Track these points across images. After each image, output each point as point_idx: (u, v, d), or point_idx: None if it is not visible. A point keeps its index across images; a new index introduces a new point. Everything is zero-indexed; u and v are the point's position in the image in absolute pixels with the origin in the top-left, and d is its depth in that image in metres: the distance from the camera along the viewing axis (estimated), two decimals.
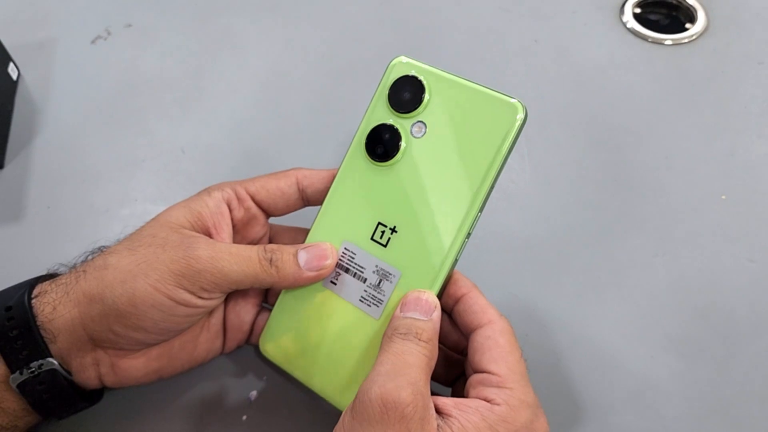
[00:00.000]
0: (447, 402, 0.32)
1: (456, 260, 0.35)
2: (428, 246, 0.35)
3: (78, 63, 0.61)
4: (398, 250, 0.36)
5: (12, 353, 0.33)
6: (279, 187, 0.39)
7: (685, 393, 0.41)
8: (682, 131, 0.54)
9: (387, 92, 0.37)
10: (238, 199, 0.38)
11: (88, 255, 0.38)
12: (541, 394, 0.34)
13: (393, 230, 0.36)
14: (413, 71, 0.36)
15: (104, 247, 0.38)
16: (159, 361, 0.37)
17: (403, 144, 0.36)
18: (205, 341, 0.39)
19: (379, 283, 0.36)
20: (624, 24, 0.62)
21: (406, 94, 0.36)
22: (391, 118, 0.37)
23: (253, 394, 0.41)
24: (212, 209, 0.37)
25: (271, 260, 0.35)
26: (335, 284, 0.37)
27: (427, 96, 0.36)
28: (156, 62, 0.61)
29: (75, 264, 0.37)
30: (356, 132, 0.38)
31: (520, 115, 0.34)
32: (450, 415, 0.31)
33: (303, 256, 0.36)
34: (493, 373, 0.32)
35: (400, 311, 0.34)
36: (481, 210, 0.35)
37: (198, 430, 0.40)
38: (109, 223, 0.51)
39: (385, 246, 0.36)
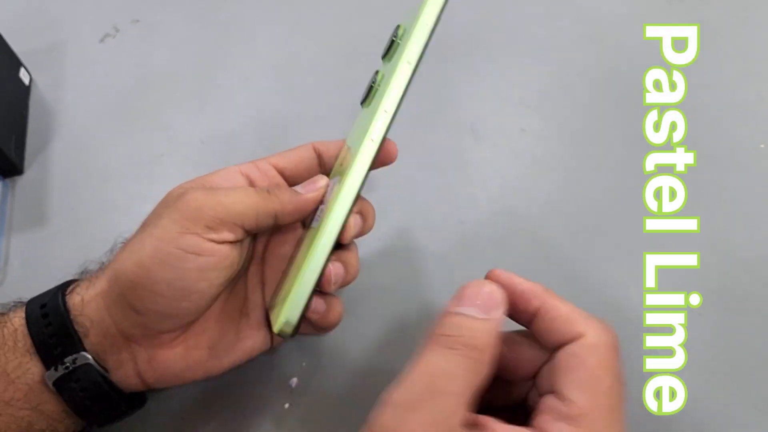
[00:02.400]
0: (497, 428, 0.26)
1: (384, 135, 0.35)
2: (363, 134, 0.35)
3: (88, 63, 0.61)
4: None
5: (47, 351, 0.33)
6: (298, 154, 0.39)
7: (735, 347, 0.40)
8: (709, 83, 0.52)
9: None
10: (259, 169, 0.38)
11: (114, 248, 0.38)
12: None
13: (349, 149, 0.36)
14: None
15: (125, 238, 0.38)
16: (198, 351, 0.36)
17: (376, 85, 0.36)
18: (247, 330, 0.38)
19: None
20: None
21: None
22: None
23: (294, 381, 0.41)
24: (222, 177, 0.37)
25: (268, 191, 0.35)
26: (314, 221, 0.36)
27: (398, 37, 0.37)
28: (167, 55, 0.60)
29: (103, 262, 0.37)
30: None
31: None
32: None
33: (299, 187, 0.37)
34: (569, 401, 0.25)
35: (453, 305, 0.28)
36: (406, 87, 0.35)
37: (241, 420, 0.39)
38: (134, 220, 0.48)
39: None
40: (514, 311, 0.30)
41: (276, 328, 0.33)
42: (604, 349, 0.26)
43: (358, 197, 0.34)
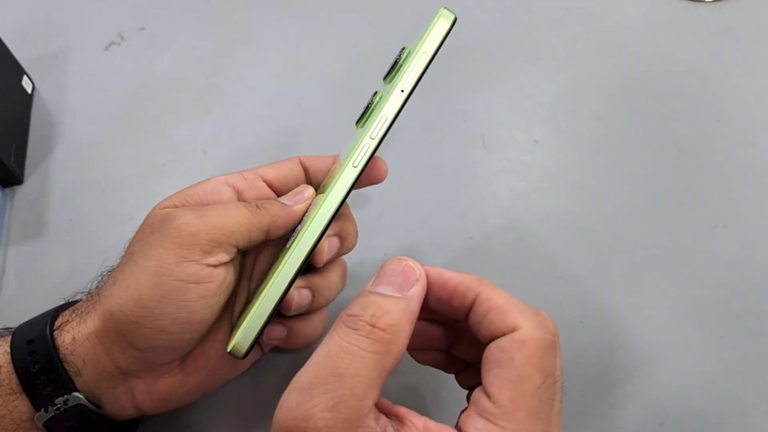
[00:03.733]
0: (416, 422, 0.25)
1: (381, 142, 0.33)
2: (348, 156, 0.33)
3: (92, 71, 0.60)
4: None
5: (35, 390, 0.31)
6: (287, 166, 0.37)
7: (762, 374, 0.38)
8: (731, 93, 0.50)
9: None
10: (246, 180, 0.36)
11: (101, 277, 0.36)
12: (600, 383, 0.31)
13: (337, 167, 0.34)
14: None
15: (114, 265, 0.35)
16: (198, 375, 0.34)
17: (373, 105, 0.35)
18: None
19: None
20: None
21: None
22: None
23: None
24: (206, 190, 0.35)
25: (257, 206, 0.33)
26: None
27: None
28: (172, 64, 0.59)
29: (90, 289, 0.35)
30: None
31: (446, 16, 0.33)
32: None
33: (285, 198, 0.35)
34: (492, 397, 0.24)
35: (369, 285, 0.27)
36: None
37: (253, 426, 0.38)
38: (134, 232, 0.48)
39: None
40: (450, 308, 0.28)
41: (228, 349, 0.32)
42: (536, 344, 0.25)
43: (332, 220, 0.32)
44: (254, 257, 0.37)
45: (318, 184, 0.38)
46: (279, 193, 0.37)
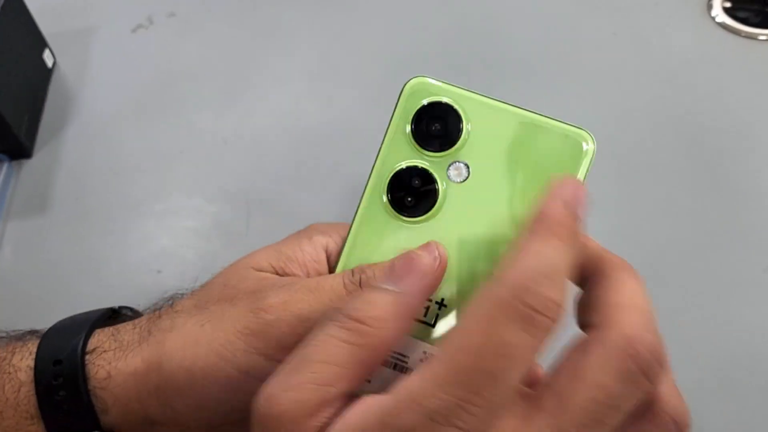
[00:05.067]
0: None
1: None
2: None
3: (117, 52, 0.58)
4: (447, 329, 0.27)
5: (55, 420, 0.27)
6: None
7: None
8: None
9: (409, 125, 0.28)
10: (337, 244, 0.30)
11: (158, 306, 0.31)
12: None
13: (441, 304, 0.27)
14: (443, 97, 0.28)
15: (178, 295, 0.31)
16: (225, 427, 0.29)
17: (440, 192, 0.27)
18: None
19: None
20: (713, 18, 0.56)
21: (437, 125, 0.28)
22: (418, 159, 0.28)
23: None
24: (308, 255, 0.29)
25: (360, 281, 0.27)
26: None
27: (466, 127, 0.27)
28: (199, 52, 0.57)
29: (143, 312, 0.31)
30: (369, 177, 0.28)
31: (590, 148, 0.27)
32: None
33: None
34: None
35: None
36: None
37: None
38: (141, 219, 0.46)
39: (432, 326, 0.27)
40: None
41: None
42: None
43: None
44: None
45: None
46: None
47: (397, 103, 0.28)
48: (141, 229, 0.46)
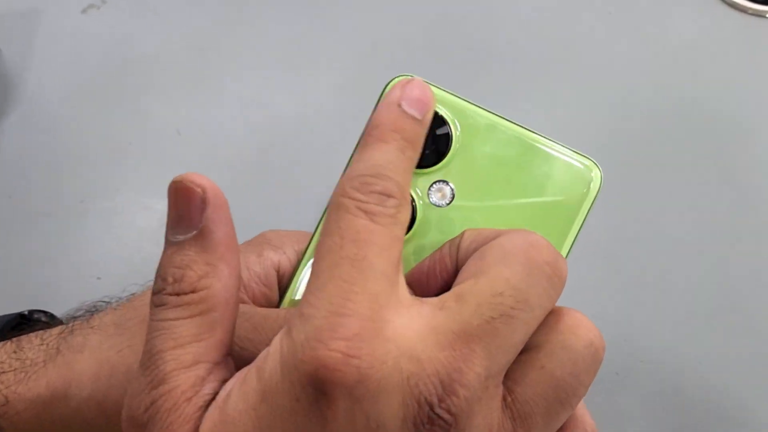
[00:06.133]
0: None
1: None
2: None
3: (65, 34, 0.53)
4: None
5: None
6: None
7: None
8: None
9: None
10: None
11: (75, 317, 0.27)
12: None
13: None
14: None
15: (101, 305, 0.27)
16: None
17: (418, 214, 0.24)
18: None
19: None
20: None
21: None
22: None
23: None
24: (254, 275, 0.26)
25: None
26: None
27: (455, 143, 0.23)
28: (157, 35, 0.53)
29: (64, 319, 0.28)
30: (337, 187, 0.24)
31: (596, 183, 0.23)
32: None
33: None
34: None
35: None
36: None
37: None
38: (82, 218, 0.43)
39: None
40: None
41: None
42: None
43: None
44: None
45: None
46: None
47: (376, 105, 0.23)
48: (82, 230, 0.42)
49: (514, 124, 0.23)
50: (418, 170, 0.23)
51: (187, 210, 0.19)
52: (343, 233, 0.18)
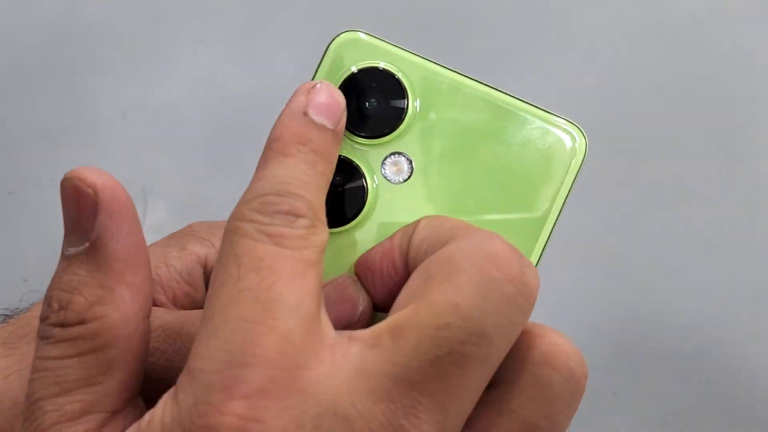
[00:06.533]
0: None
1: None
2: None
3: None
4: None
5: None
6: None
7: None
8: None
9: None
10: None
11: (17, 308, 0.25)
12: None
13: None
14: (383, 61, 0.22)
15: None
16: None
17: (369, 192, 0.22)
18: None
19: None
20: None
21: (372, 101, 0.22)
22: (343, 147, 0.22)
23: None
24: (174, 273, 0.24)
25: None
26: None
27: (412, 107, 0.22)
28: (98, 5, 0.50)
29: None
30: None
31: (579, 153, 0.21)
32: None
33: None
34: None
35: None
36: None
37: None
38: (11, 209, 0.41)
39: None
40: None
41: None
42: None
43: None
44: None
45: None
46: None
47: (318, 66, 0.22)
48: (10, 223, 0.41)
49: (484, 84, 0.21)
50: (369, 141, 0.21)
51: (77, 216, 0.16)
52: (241, 261, 0.15)
